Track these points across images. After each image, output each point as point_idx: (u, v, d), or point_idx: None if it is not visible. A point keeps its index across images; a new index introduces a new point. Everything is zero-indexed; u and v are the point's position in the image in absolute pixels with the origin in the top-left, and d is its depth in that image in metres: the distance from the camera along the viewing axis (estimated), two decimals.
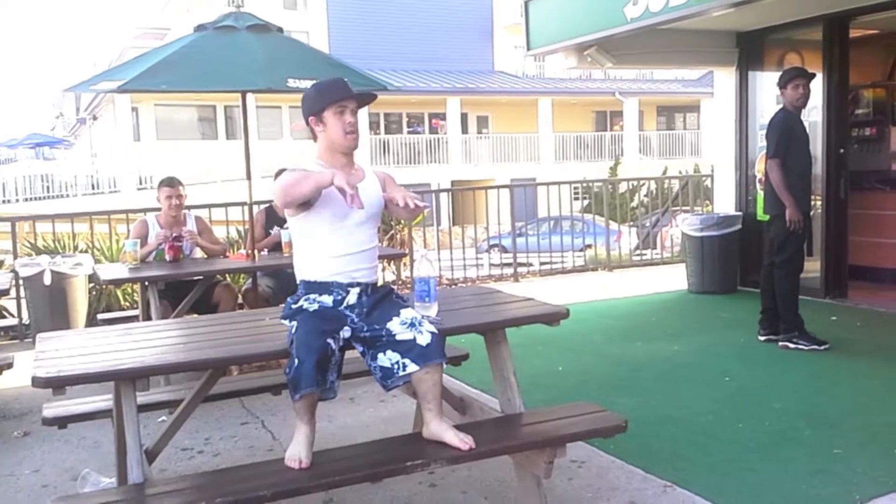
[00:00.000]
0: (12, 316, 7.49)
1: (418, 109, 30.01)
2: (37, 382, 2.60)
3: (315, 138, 3.05)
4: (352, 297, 2.95)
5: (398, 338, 2.86)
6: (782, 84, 5.57)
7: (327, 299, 2.94)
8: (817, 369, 5.16)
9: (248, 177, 5.61)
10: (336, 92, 2.96)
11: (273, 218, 6.04)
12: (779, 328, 5.72)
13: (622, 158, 27.52)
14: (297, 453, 2.73)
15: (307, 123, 3.04)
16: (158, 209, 5.85)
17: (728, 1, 5.88)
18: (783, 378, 4.98)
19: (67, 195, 24.89)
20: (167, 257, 5.55)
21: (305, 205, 2.93)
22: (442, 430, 2.86)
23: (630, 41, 7.30)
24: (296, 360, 2.73)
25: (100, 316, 6.53)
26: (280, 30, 5.49)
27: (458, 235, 13.62)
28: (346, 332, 2.89)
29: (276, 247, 5.81)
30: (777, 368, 5.20)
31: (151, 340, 3.14)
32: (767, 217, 5.72)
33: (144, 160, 24.97)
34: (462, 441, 2.81)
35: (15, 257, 7.39)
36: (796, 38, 7.66)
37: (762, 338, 5.81)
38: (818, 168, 7.30)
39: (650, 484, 3.45)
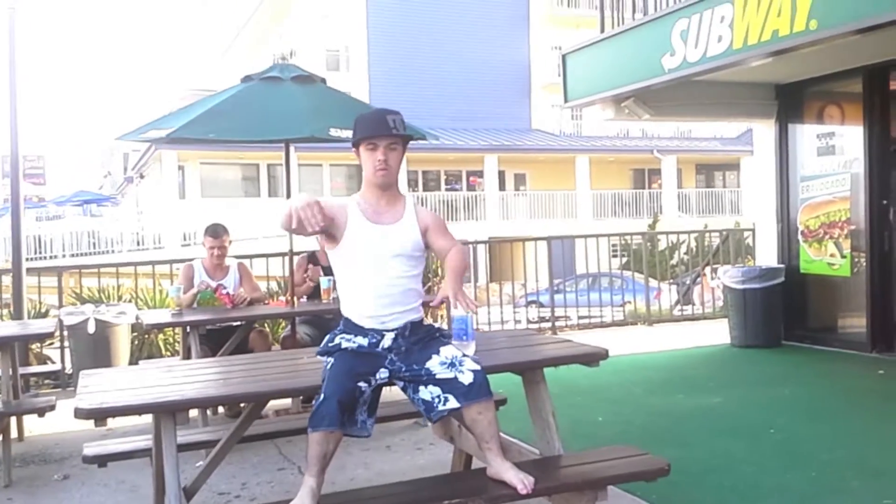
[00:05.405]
0: (54, 364, 7.59)
1: (456, 167, 30.30)
2: (79, 413, 2.62)
3: None
4: (387, 341, 2.92)
5: (438, 377, 2.84)
6: None
7: (363, 341, 2.91)
8: (866, 423, 5.03)
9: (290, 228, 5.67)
10: (366, 129, 2.95)
11: (315, 264, 6.07)
12: None
13: (661, 216, 27.36)
14: None
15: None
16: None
17: (765, 50, 5.86)
18: (830, 431, 4.85)
19: (113, 251, 25.38)
20: (227, 304, 5.62)
21: (329, 236, 2.95)
22: (503, 469, 2.82)
23: (667, 92, 7.34)
24: (322, 396, 2.74)
25: (141, 363, 6.59)
26: (323, 81, 5.63)
27: (495, 292, 13.54)
28: (383, 374, 2.87)
29: (316, 293, 5.85)
30: (824, 422, 5.07)
31: (192, 376, 3.18)
32: None
33: (189, 217, 25.46)
34: (521, 481, 2.76)
35: (60, 306, 7.53)
36: (836, 89, 7.65)
37: None
38: (861, 221, 7.25)
39: None
